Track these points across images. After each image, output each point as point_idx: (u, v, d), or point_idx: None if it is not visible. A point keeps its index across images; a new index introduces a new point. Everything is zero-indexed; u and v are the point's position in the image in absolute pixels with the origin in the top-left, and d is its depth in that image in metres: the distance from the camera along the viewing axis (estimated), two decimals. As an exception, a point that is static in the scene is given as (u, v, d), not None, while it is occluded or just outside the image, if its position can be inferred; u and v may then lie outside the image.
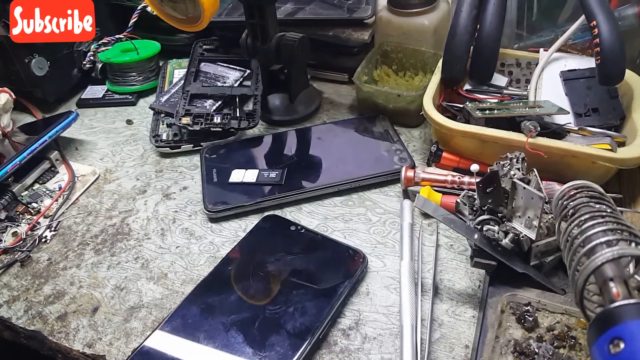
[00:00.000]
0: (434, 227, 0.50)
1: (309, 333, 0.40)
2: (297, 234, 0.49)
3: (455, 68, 0.55)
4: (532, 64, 0.58)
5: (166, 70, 0.75)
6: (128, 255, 0.50)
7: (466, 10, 0.53)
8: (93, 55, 0.74)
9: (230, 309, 0.42)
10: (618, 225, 0.31)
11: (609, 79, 0.48)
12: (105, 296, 0.46)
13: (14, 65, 0.67)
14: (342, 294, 0.43)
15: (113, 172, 0.61)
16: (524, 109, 0.51)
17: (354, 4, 0.70)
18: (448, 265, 0.47)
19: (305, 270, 0.45)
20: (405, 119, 0.63)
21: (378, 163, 0.56)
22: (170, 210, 0.55)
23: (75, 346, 0.42)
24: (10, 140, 0.62)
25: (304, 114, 0.66)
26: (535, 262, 0.42)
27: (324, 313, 0.41)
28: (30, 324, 0.45)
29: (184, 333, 0.41)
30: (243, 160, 0.58)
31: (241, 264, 0.47)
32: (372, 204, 0.54)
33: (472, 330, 0.41)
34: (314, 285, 0.43)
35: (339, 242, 0.48)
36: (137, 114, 0.71)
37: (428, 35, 0.64)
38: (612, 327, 0.25)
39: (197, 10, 0.55)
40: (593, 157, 0.46)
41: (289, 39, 0.60)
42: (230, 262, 0.47)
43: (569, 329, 0.38)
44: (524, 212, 0.40)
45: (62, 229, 0.54)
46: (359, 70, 0.62)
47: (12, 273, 0.49)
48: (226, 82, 0.68)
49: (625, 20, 0.55)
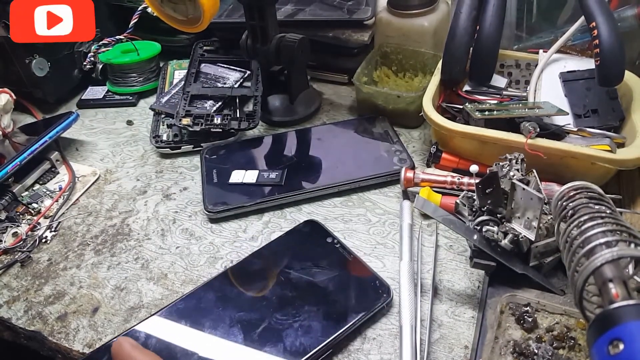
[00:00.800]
0: (434, 227, 0.50)
1: (302, 356, 0.38)
2: (331, 247, 0.47)
3: (455, 69, 0.55)
4: (532, 65, 0.58)
5: (166, 71, 0.75)
6: (128, 256, 0.50)
7: (466, 11, 0.53)
8: (93, 56, 0.74)
9: (242, 305, 0.42)
10: (617, 226, 0.31)
11: (609, 80, 0.48)
12: (105, 296, 0.46)
13: (14, 66, 0.67)
14: (353, 324, 0.40)
15: (113, 172, 0.61)
16: (523, 110, 0.51)
17: (353, 5, 0.71)
18: (447, 265, 0.47)
19: (325, 288, 0.43)
20: (404, 120, 0.63)
21: (378, 164, 0.56)
22: (170, 210, 0.55)
23: (75, 346, 0.42)
24: (11, 140, 0.62)
25: (303, 114, 0.66)
26: (534, 262, 0.42)
27: (326, 339, 0.39)
28: (30, 324, 0.45)
29: (193, 315, 0.41)
30: (243, 161, 0.58)
31: (269, 263, 0.46)
32: (371, 204, 0.54)
33: (472, 330, 0.41)
34: (328, 306, 0.42)
35: (368, 268, 0.45)
36: (138, 114, 0.71)
37: (428, 36, 0.64)
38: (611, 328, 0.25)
39: (198, 11, 0.55)
40: (592, 158, 0.46)
41: (289, 40, 0.60)
42: (260, 257, 0.47)
43: (568, 330, 0.38)
44: (523, 213, 0.40)
45: (63, 229, 0.54)
46: (359, 71, 0.63)
47: (12, 273, 0.49)
48: (226, 83, 0.68)
49: (624, 21, 0.55)
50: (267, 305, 0.42)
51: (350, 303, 0.42)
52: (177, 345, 0.40)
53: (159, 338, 0.40)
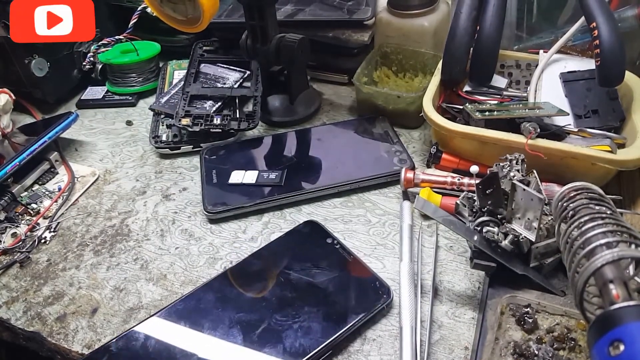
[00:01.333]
0: (434, 228, 0.50)
1: (302, 357, 0.38)
2: (331, 247, 0.47)
3: (455, 69, 0.55)
4: (532, 66, 0.58)
5: (166, 71, 0.75)
6: (127, 257, 0.50)
7: (466, 11, 0.53)
8: (93, 56, 0.74)
9: (241, 306, 0.42)
10: (618, 227, 0.31)
11: (609, 80, 0.48)
12: (104, 297, 0.46)
13: (13, 66, 0.67)
14: (353, 325, 0.40)
15: (113, 173, 0.61)
16: (523, 110, 0.51)
17: (353, 5, 0.70)
18: (448, 266, 0.46)
19: (325, 289, 0.43)
20: (404, 120, 0.63)
21: (378, 164, 0.56)
22: (169, 211, 0.55)
23: (74, 347, 0.42)
24: (10, 141, 0.62)
25: (303, 115, 0.66)
26: (535, 263, 0.42)
27: (325, 340, 0.39)
28: (29, 325, 0.44)
29: (192, 316, 0.41)
30: (243, 161, 0.58)
31: (269, 264, 0.46)
32: (371, 205, 0.53)
33: (472, 331, 0.41)
34: (327, 307, 0.42)
35: (368, 269, 0.45)
36: (137, 115, 0.71)
37: (428, 36, 0.63)
38: (612, 329, 0.25)
39: (197, 11, 0.55)
40: (593, 158, 0.46)
41: (288, 40, 0.60)
42: (259, 258, 0.47)
43: (568, 331, 0.38)
44: (523, 213, 0.40)
45: (62, 229, 0.54)
46: (359, 71, 0.62)
47: (11, 274, 0.49)
48: (226, 83, 0.68)
49: (625, 21, 0.55)
50: (266, 306, 0.42)
51: (350, 304, 0.42)
52: (177, 346, 0.40)
53: (158, 339, 0.40)
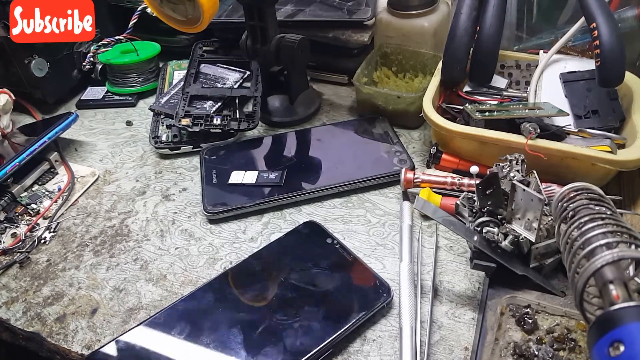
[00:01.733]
0: (434, 228, 0.50)
1: (303, 356, 0.38)
2: (331, 247, 0.47)
3: (455, 70, 0.55)
4: (532, 66, 0.58)
5: (166, 71, 0.75)
6: (127, 257, 0.50)
7: (466, 12, 0.53)
8: (93, 57, 0.74)
9: (241, 306, 0.42)
10: (618, 228, 0.31)
11: (609, 81, 0.48)
12: (104, 297, 0.46)
13: (13, 66, 0.67)
14: (353, 324, 0.40)
15: (112, 173, 0.61)
16: (523, 110, 0.51)
17: (353, 5, 0.70)
18: (447, 267, 0.46)
19: (325, 289, 0.43)
20: (404, 120, 0.63)
21: (378, 165, 0.56)
22: (169, 211, 0.55)
23: (73, 348, 0.42)
24: (10, 141, 0.62)
25: (303, 115, 0.66)
26: (534, 264, 0.42)
27: (326, 339, 0.39)
28: (28, 325, 0.44)
29: (192, 316, 0.41)
30: (242, 161, 0.58)
31: (269, 264, 0.46)
32: (371, 205, 0.53)
33: (472, 332, 0.41)
34: (327, 306, 0.42)
35: (368, 269, 0.45)
36: (137, 115, 0.71)
37: (428, 37, 0.63)
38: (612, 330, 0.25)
39: (197, 11, 0.55)
40: (593, 159, 0.46)
41: (288, 40, 0.60)
42: (259, 258, 0.47)
43: (568, 332, 0.38)
44: (523, 214, 0.40)
45: (61, 230, 0.54)
46: (359, 71, 0.62)
47: (11, 274, 0.49)
48: (226, 83, 0.68)
49: (625, 22, 0.55)
50: (266, 306, 0.42)
51: (351, 303, 0.42)
52: (177, 346, 0.40)
53: (158, 339, 0.40)
